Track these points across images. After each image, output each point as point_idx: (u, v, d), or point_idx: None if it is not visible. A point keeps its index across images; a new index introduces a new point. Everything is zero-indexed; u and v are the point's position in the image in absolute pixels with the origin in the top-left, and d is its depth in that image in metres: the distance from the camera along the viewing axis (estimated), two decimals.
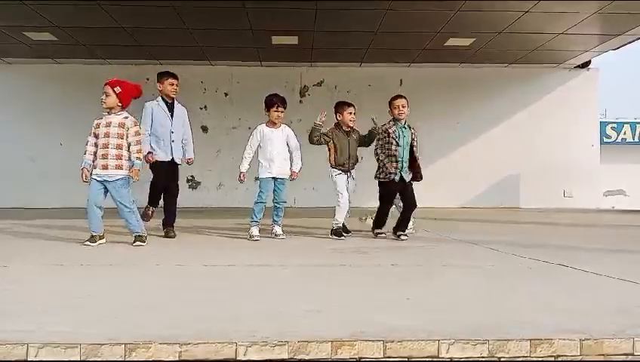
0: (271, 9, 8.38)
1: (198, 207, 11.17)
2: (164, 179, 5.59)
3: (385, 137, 5.33)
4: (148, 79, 8.07)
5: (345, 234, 5.42)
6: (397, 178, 5.29)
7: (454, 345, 1.92)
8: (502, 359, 1.93)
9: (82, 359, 1.80)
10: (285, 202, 5.57)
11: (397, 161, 5.26)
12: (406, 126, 5.41)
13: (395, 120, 5.36)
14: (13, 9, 8.29)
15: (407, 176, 5.35)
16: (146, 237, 4.77)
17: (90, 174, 4.71)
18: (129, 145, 4.69)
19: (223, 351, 1.84)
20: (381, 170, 5.36)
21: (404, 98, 5.39)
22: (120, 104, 4.74)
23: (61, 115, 11.51)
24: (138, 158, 4.72)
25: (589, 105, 12.16)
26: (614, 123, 20.43)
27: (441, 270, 3.63)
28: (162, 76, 5.67)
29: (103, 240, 4.74)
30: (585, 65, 12.01)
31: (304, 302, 2.53)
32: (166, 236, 5.47)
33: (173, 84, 5.62)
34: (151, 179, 5.61)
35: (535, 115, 12.01)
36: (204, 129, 11.65)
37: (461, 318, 2.25)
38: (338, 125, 5.59)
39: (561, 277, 3.32)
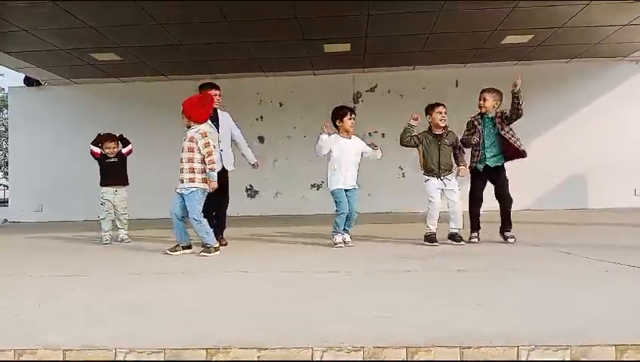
0: (323, 17, 8.46)
1: (257, 216, 11.37)
2: (214, 197, 5.26)
3: (471, 128, 5.55)
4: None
5: (437, 242, 5.21)
6: (480, 167, 5.44)
7: (534, 350, 1.86)
8: None
9: None
10: (359, 212, 5.48)
11: (478, 150, 5.45)
12: (489, 116, 5.57)
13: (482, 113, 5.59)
14: (79, 32, 8.78)
15: (496, 163, 5.46)
16: (214, 249, 4.85)
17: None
18: (202, 157, 4.87)
19: (300, 355, 1.87)
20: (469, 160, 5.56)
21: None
22: (189, 121, 4.95)
23: (126, 131, 12.03)
24: (211, 169, 4.87)
25: None
26: None
27: (511, 274, 3.52)
28: (204, 88, 5.65)
29: (188, 251, 4.92)
30: None
31: (373, 307, 2.52)
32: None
33: (215, 95, 5.57)
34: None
35: (599, 110, 11.46)
36: (261, 139, 11.86)
37: (538, 323, 2.18)
38: (430, 128, 5.52)
39: None
